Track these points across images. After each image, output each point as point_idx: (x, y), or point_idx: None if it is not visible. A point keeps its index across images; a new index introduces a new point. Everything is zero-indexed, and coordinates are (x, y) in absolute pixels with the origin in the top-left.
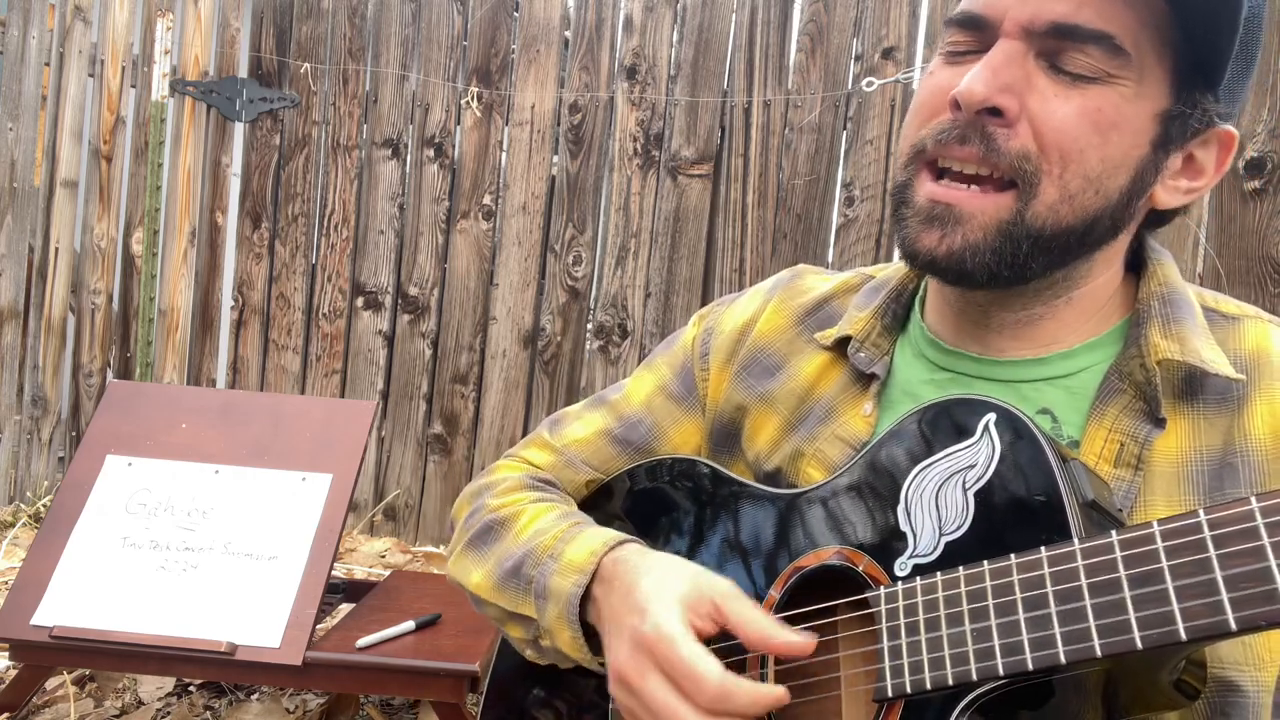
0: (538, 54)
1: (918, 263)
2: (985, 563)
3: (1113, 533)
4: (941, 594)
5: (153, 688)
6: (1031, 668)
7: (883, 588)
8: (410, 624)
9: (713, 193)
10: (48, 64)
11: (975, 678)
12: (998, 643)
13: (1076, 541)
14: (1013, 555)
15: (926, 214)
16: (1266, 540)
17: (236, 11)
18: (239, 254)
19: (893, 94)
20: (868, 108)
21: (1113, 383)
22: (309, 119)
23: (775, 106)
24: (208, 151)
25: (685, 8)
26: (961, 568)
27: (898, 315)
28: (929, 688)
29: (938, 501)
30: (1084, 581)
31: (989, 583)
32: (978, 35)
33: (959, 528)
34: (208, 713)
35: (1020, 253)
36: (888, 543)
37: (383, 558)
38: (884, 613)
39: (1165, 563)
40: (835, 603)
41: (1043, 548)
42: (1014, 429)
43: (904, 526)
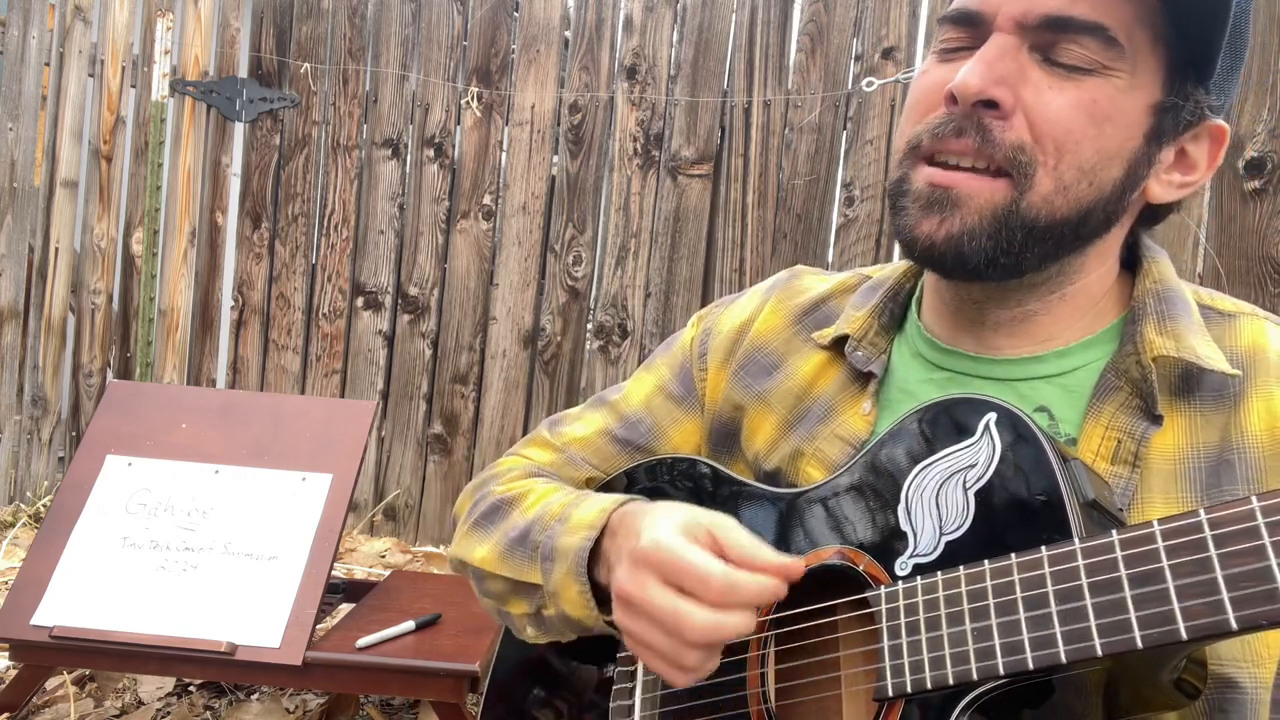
0: (538, 54)
1: (916, 250)
2: (986, 562)
3: (1113, 532)
4: (942, 593)
5: (153, 688)
6: (1032, 667)
7: (883, 587)
8: (410, 624)
9: (713, 193)
10: (48, 64)
11: (976, 677)
12: (998, 642)
13: (1077, 541)
14: (1013, 555)
15: (926, 199)
16: (1267, 540)
17: (236, 11)
18: (239, 254)
19: (893, 94)
20: (868, 108)
21: (1109, 380)
22: (309, 119)
23: (775, 106)
24: (208, 151)
25: (685, 8)
26: (962, 567)
27: (895, 314)
28: (929, 687)
29: (938, 501)
30: (1084, 581)
31: (989, 582)
32: (971, 31)
33: (959, 527)
34: (208, 713)
35: (1015, 241)
36: (888, 542)
37: (383, 558)
38: (884, 612)
39: (1166, 562)
40: (835, 602)
41: (1043, 547)
42: (1015, 428)
43: (904, 526)
